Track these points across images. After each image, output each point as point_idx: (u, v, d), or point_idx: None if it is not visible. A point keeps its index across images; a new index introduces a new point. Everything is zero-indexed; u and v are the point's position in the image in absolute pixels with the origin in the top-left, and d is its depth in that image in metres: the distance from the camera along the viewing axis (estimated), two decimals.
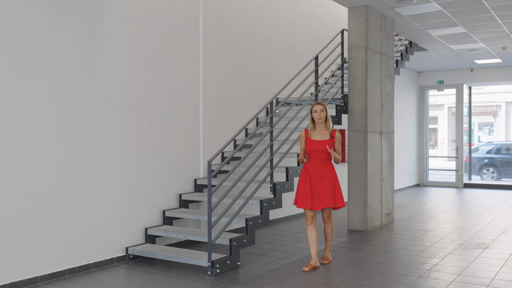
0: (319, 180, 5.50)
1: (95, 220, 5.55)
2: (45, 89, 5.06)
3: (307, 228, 5.63)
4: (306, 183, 5.51)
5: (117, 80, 5.80)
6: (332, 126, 5.79)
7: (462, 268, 5.54)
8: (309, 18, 9.58)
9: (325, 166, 5.55)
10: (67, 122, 5.27)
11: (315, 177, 5.51)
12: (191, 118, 6.84)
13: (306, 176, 5.54)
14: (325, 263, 5.79)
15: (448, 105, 32.07)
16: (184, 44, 6.74)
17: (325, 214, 5.71)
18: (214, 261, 5.22)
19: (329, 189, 5.50)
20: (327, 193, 5.49)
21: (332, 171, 5.59)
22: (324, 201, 5.50)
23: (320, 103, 5.60)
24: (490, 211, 9.90)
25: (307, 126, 6.08)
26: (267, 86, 8.38)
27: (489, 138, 33.11)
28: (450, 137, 32.26)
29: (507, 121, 31.54)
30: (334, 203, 5.55)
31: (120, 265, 5.75)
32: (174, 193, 6.59)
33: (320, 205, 5.51)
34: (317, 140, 5.54)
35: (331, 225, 5.78)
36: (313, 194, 5.51)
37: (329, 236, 5.82)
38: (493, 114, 32.13)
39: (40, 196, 5.01)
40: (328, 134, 5.57)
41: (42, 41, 5.03)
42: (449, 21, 8.84)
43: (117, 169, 5.80)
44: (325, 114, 5.58)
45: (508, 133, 31.40)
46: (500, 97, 31.05)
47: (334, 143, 5.57)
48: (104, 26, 5.66)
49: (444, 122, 32.61)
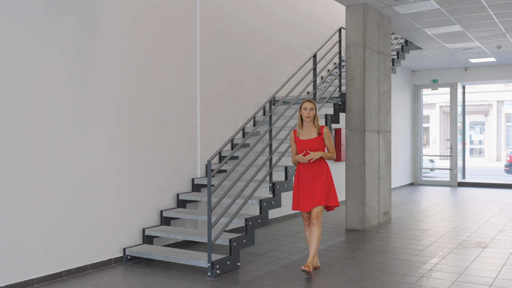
0: (312, 180, 5.31)
1: (92, 220, 5.45)
2: (40, 87, 4.96)
3: (305, 229, 5.54)
4: (299, 184, 5.37)
5: (113, 77, 5.70)
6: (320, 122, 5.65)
7: (463, 268, 5.51)
8: (305, 16, 9.52)
9: (318, 166, 5.33)
10: (62, 121, 5.16)
11: (307, 177, 5.32)
12: (188, 116, 6.75)
13: (299, 178, 5.39)
14: (306, 269, 5.10)
15: (440, 104, 32.20)
16: (181, 41, 6.65)
17: (313, 214, 5.26)
18: (214, 261, 5.14)
19: (321, 187, 5.27)
20: (318, 192, 5.26)
21: (325, 170, 5.35)
22: (316, 200, 5.25)
23: (310, 101, 5.34)
24: (486, 209, 9.90)
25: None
26: (263, 85, 8.31)
27: (480, 137, 33.31)
28: (442, 136, 32.42)
29: (498, 120, 31.72)
30: (327, 202, 5.30)
31: (117, 266, 5.66)
32: (172, 192, 6.50)
33: (310, 205, 5.28)
34: (305, 139, 5.35)
35: (318, 228, 5.26)
36: (304, 195, 5.32)
37: (315, 241, 5.27)
38: (484, 113, 32.31)
39: (35, 196, 4.90)
40: (316, 131, 5.35)
41: (37, 39, 4.92)
42: (446, 20, 8.82)
43: (113, 169, 5.70)
44: (314, 113, 5.34)
45: (499, 132, 31.58)
46: (491, 96, 31.21)
47: (323, 140, 5.36)
48: (100, 23, 5.55)
49: (436, 121, 32.74)
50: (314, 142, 5.32)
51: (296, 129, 5.45)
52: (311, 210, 5.32)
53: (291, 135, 5.48)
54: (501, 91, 31.11)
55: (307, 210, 5.30)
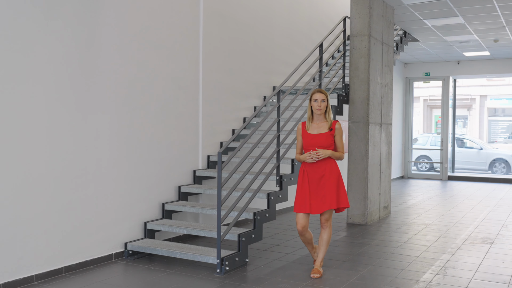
0: (319, 180, 4.78)
1: (92, 214, 5.16)
2: (38, 77, 4.63)
3: (300, 235, 4.93)
4: (304, 184, 4.82)
5: (113, 66, 5.39)
6: (334, 117, 5.08)
7: (476, 265, 5.38)
8: (307, 5, 9.26)
9: (325, 164, 4.79)
10: (61, 113, 4.84)
11: (314, 176, 4.79)
12: (190, 106, 6.47)
13: (304, 176, 4.84)
14: (316, 277, 4.84)
15: (424, 97, 32.33)
16: (184, 26, 6.35)
17: (324, 217, 4.85)
18: (224, 258, 4.91)
19: (330, 188, 4.75)
20: (328, 193, 4.74)
21: (334, 168, 4.83)
22: (326, 203, 4.75)
23: (321, 91, 4.81)
24: (482, 204, 9.85)
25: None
26: (265, 74, 8.06)
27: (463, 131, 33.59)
28: (425, 130, 32.59)
29: (481, 114, 32.00)
30: (338, 204, 4.80)
31: (119, 261, 5.39)
32: (173, 185, 6.23)
33: (320, 207, 4.76)
34: (314, 134, 4.82)
35: (329, 231, 4.89)
36: (311, 196, 4.79)
37: (324, 244, 4.91)
38: (467, 107, 32.54)
39: (34, 189, 4.59)
40: (327, 126, 4.83)
41: (34, 27, 4.59)
42: (449, 11, 8.67)
43: (114, 160, 5.41)
44: (325, 105, 4.82)
45: (481, 126, 31.87)
46: (474, 91, 31.42)
47: (334, 136, 4.82)
48: (100, 9, 5.23)
49: (420, 114, 32.87)
50: (323, 138, 4.79)
51: (305, 121, 4.97)
52: (321, 214, 4.86)
53: (299, 127, 4.96)
54: (484, 86, 31.35)
55: (316, 213, 4.82)
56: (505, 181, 14.17)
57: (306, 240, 4.99)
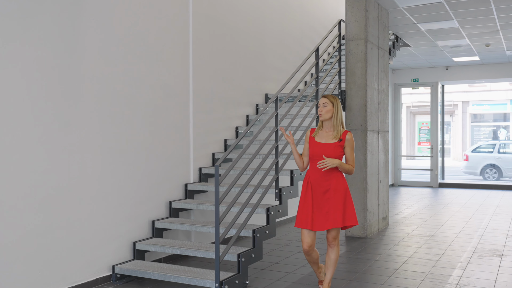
0: (324, 193, 4.34)
1: (75, 236, 4.67)
2: (21, 81, 4.16)
3: (305, 255, 4.51)
4: (307, 197, 4.38)
5: (97, 71, 4.94)
6: (343, 125, 4.65)
7: (492, 281, 5.03)
8: (297, 9, 8.92)
9: (331, 176, 4.35)
10: (39, 124, 4.36)
11: (318, 189, 4.36)
12: (180, 115, 6.04)
13: (308, 188, 4.40)
14: None
15: (407, 104, 32.29)
16: (173, 30, 5.93)
17: (331, 235, 4.42)
18: (223, 281, 4.47)
19: (336, 204, 4.32)
20: (333, 209, 4.31)
21: (341, 182, 4.38)
22: (329, 220, 4.31)
23: (326, 95, 4.43)
24: (480, 212, 9.57)
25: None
26: (256, 81, 7.66)
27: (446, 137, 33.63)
28: (409, 137, 32.54)
29: (464, 120, 32.08)
30: (344, 222, 4.35)
31: (106, 286, 4.90)
32: (163, 200, 5.78)
33: (324, 225, 4.32)
34: (322, 142, 4.39)
35: (337, 250, 4.47)
36: (314, 210, 4.35)
37: (332, 264, 4.49)
38: (450, 113, 32.60)
39: (12, 209, 4.10)
40: (337, 136, 4.38)
41: (17, 25, 4.13)
42: (445, 14, 8.41)
43: (99, 176, 4.93)
44: (331, 109, 4.37)
45: (464, 132, 31.95)
46: (457, 97, 31.50)
47: (343, 147, 4.38)
48: (86, 11, 4.79)
49: (403, 121, 32.82)
50: (331, 148, 4.33)
51: (314, 128, 4.57)
52: (327, 231, 4.44)
53: (307, 134, 4.54)
54: (466, 92, 31.44)
55: (318, 230, 4.37)
56: (496, 187, 13.99)
57: (312, 260, 4.54)
